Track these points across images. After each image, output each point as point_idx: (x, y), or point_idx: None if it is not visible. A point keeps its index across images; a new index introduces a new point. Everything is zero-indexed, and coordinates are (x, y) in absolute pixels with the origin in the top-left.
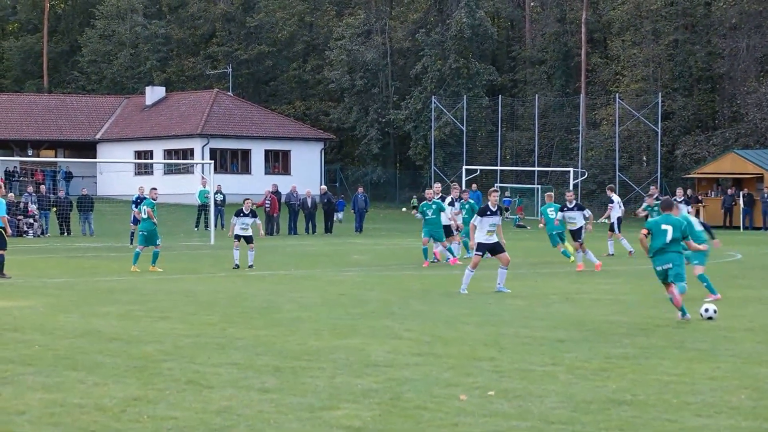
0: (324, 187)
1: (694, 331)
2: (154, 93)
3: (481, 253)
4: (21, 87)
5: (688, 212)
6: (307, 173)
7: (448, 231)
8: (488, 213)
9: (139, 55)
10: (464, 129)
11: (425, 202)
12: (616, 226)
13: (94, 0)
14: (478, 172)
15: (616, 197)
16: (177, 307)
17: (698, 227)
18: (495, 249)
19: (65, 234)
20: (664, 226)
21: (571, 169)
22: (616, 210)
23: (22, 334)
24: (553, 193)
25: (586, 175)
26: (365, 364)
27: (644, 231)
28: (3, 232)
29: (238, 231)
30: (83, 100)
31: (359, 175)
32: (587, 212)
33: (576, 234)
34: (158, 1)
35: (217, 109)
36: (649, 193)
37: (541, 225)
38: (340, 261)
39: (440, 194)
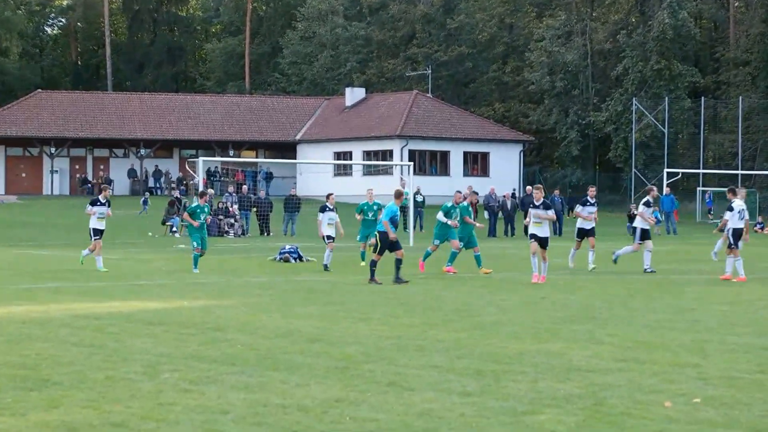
0: (530, 188)
1: None
2: (353, 94)
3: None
4: (223, 88)
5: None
6: (505, 175)
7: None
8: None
9: (339, 56)
10: (665, 131)
11: (366, 202)
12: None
13: (296, 2)
14: (680, 175)
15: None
16: (377, 309)
17: None
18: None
19: (265, 234)
20: None
21: None
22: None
23: (225, 333)
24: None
25: None
26: (567, 369)
27: None
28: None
29: (326, 230)
30: (284, 102)
31: (558, 177)
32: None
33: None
34: (359, 3)
35: (416, 111)
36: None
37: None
38: None
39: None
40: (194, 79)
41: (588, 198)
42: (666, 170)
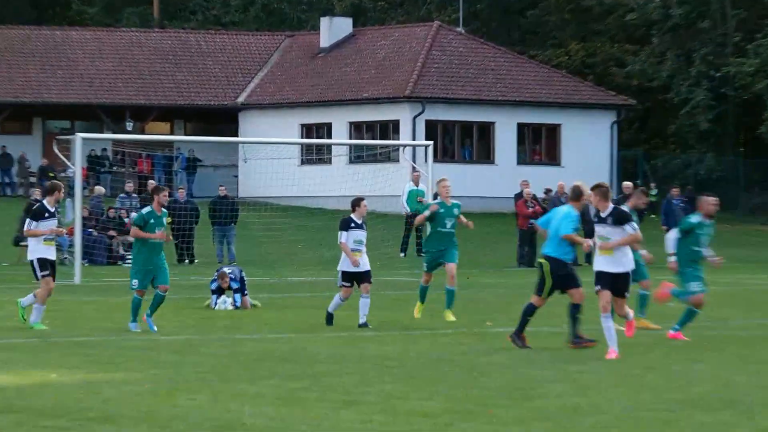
0: (627, 185)
1: None
2: (333, 29)
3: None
4: (116, 19)
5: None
6: (587, 162)
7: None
8: None
9: None
10: None
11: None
12: None
13: None
14: None
15: None
16: (370, 384)
17: None
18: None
19: (186, 261)
20: None
21: None
22: None
23: (118, 426)
24: None
25: None
26: None
27: None
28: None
29: (347, 266)
30: (216, 41)
31: (676, 167)
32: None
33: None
34: None
35: (438, 55)
36: None
37: None
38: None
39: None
40: (68, 5)
41: None
42: None
